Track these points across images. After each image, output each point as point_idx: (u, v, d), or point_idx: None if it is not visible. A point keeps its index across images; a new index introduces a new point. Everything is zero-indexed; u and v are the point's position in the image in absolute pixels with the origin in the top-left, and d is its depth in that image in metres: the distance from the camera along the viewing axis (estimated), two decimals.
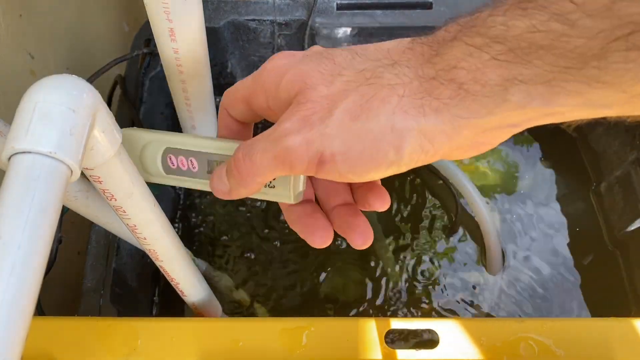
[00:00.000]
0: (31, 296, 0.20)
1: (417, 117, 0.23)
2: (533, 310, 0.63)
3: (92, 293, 0.51)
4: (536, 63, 0.20)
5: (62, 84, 0.24)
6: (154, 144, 0.29)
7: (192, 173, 0.29)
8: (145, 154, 0.29)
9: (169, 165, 0.29)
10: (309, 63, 0.25)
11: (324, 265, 0.65)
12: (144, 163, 0.30)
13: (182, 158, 0.29)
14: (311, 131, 0.24)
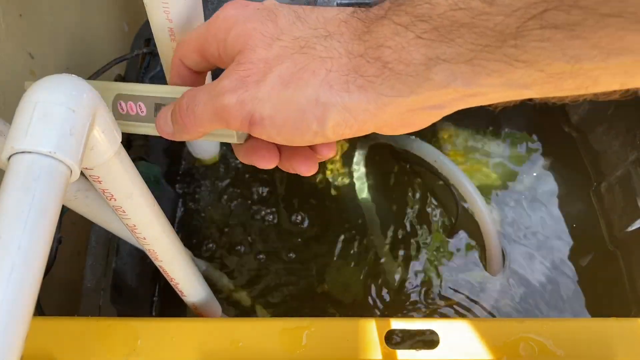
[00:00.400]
0: (31, 296, 0.20)
1: (341, 93, 0.23)
2: (533, 310, 0.63)
3: (92, 293, 0.51)
4: (458, 42, 0.20)
5: (62, 84, 0.24)
6: (105, 92, 0.29)
7: (140, 117, 0.30)
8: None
9: (119, 111, 0.30)
10: (254, 22, 0.26)
11: (324, 265, 0.65)
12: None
13: (131, 103, 0.30)
14: (245, 92, 0.25)
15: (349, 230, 0.68)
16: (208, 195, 0.71)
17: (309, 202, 0.70)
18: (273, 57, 0.25)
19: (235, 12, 0.27)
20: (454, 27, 0.20)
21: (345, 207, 0.70)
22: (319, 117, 0.24)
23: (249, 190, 0.71)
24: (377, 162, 0.73)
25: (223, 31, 0.27)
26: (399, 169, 0.72)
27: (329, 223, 0.68)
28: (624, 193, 0.64)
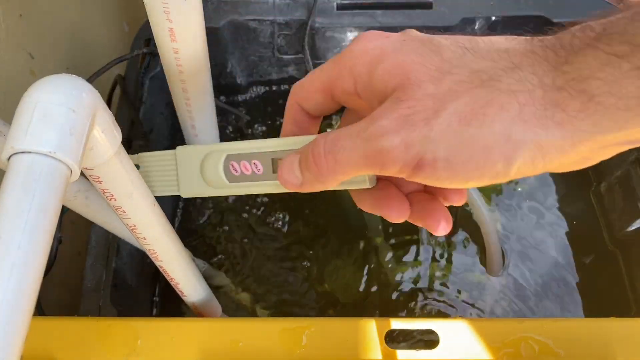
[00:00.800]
0: (31, 296, 0.20)
1: (536, 129, 0.21)
2: (533, 310, 0.63)
3: (92, 293, 0.51)
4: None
5: (62, 84, 0.24)
6: (213, 155, 0.28)
7: (256, 176, 0.28)
8: (206, 166, 0.28)
9: (232, 173, 0.28)
10: (410, 54, 0.23)
11: (324, 265, 0.65)
12: (205, 177, 0.28)
13: (245, 162, 0.28)
14: (413, 133, 0.22)
15: (349, 230, 0.68)
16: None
17: (309, 202, 0.70)
18: (444, 92, 0.22)
19: (378, 43, 0.25)
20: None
21: (345, 207, 0.70)
22: (507, 156, 0.22)
23: None
24: None
25: (365, 65, 0.24)
26: None
27: (329, 223, 0.68)
28: (623, 193, 0.64)
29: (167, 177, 0.29)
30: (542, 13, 0.67)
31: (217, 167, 0.28)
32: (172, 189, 0.29)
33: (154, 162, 0.29)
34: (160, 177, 0.29)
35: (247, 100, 0.78)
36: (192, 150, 0.28)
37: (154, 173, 0.29)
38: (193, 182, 0.28)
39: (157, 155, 0.29)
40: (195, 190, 0.29)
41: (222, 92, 0.76)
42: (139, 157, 0.29)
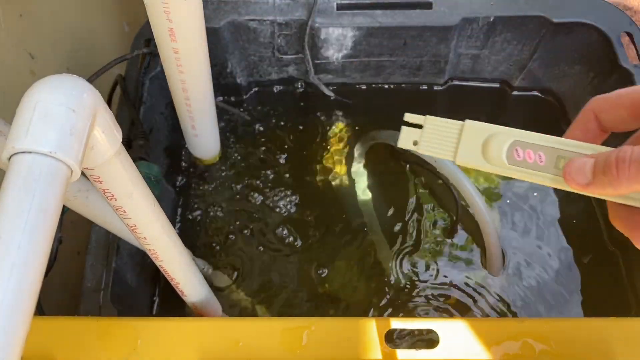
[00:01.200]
0: (31, 296, 0.20)
1: None
2: (533, 310, 0.63)
3: (92, 293, 0.51)
4: None
5: (62, 84, 0.24)
6: (501, 136, 0.30)
7: (537, 166, 0.29)
8: (490, 143, 0.30)
9: (514, 157, 0.30)
10: None
11: (324, 265, 0.65)
12: (485, 151, 0.30)
13: (530, 151, 0.29)
14: None
15: (349, 230, 0.68)
16: (208, 195, 0.71)
17: (309, 202, 0.70)
18: None
19: None
20: None
21: (345, 207, 0.70)
22: None
23: (249, 189, 0.71)
24: (377, 162, 0.73)
25: None
26: (399, 169, 0.72)
27: (329, 223, 0.68)
28: None
29: (447, 143, 0.32)
30: (542, 13, 0.67)
31: (502, 147, 0.30)
32: (447, 153, 0.32)
33: (439, 126, 0.32)
34: (440, 140, 0.32)
35: (247, 100, 0.78)
36: (480, 126, 0.31)
37: (436, 135, 0.32)
38: (471, 154, 0.31)
39: (444, 121, 0.32)
40: (471, 161, 0.31)
41: (222, 92, 0.76)
42: (426, 119, 0.32)
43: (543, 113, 0.77)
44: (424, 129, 0.32)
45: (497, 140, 0.30)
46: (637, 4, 1.06)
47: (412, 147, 0.33)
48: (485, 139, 0.31)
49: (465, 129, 0.31)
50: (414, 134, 0.33)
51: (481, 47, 0.72)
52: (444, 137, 0.32)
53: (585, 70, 0.70)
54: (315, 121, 0.76)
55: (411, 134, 0.33)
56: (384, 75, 0.76)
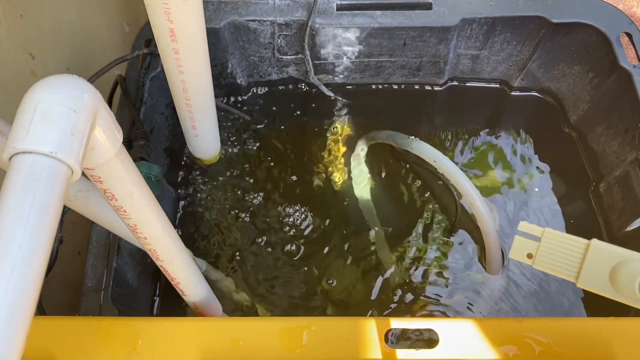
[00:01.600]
0: (32, 296, 0.20)
1: None
2: (533, 310, 0.63)
3: (93, 293, 0.51)
4: None
5: (63, 84, 0.24)
6: (634, 264, 0.27)
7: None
8: (621, 271, 0.28)
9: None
10: None
11: (324, 266, 0.66)
12: (614, 279, 0.28)
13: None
14: None
15: (349, 230, 0.68)
16: (208, 195, 0.71)
17: (309, 202, 0.70)
18: None
19: None
20: None
21: (345, 207, 0.70)
22: None
23: (249, 189, 0.71)
24: (377, 162, 0.73)
25: None
26: (399, 169, 0.72)
27: (329, 222, 0.68)
28: (622, 193, 0.64)
29: (568, 261, 0.29)
30: (541, 13, 0.67)
31: (635, 278, 0.27)
32: (567, 273, 0.29)
33: (560, 241, 0.30)
34: (560, 256, 0.29)
35: (247, 100, 0.78)
36: (610, 249, 0.28)
37: (555, 250, 0.30)
38: (597, 278, 0.28)
39: (567, 237, 0.29)
40: (596, 286, 0.29)
41: (222, 92, 0.77)
42: (545, 232, 0.30)
43: (542, 113, 0.77)
44: (542, 242, 0.30)
45: (630, 269, 0.27)
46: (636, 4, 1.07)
47: (525, 259, 0.30)
48: (614, 264, 0.28)
49: (592, 250, 0.28)
50: (529, 245, 0.30)
51: (481, 47, 0.72)
52: (564, 254, 0.29)
53: (584, 70, 0.70)
54: (315, 121, 0.76)
55: (525, 245, 0.30)
56: (384, 75, 0.76)
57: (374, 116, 0.76)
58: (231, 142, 0.74)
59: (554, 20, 0.66)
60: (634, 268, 0.27)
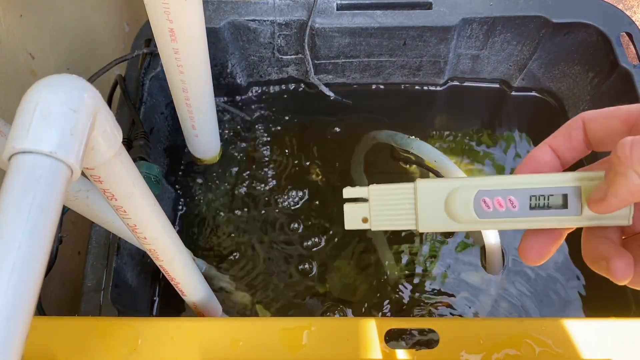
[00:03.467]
0: (31, 296, 0.20)
1: None
2: (533, 310, 0.63)
3: (93, 293, 0.51)
4: None
5: (63, 84, 0.24)
6: (463, 190, 0.27)
7: (511, 213, 0.27)
8: (453, 201, 0.27)
9: (483, 209, 0.27)
10: None
11: (325, 265, 0.66)
12: (450, 211, 0.27)
13: (498, 198, 0.27)
14: None
15: (349, 230, 0.68)
16: (208, 195, 0.71)
17: (309, 202, 0.70)
18: None
19: None
20: None
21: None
22: None
23: (249, 189, 0.71)
24: (377, 162, 0.73)
25: None
26: (399, 169, 0.72)
27: (329, 223, 0.68)
28: None
29: (402, 211, 0.28)
30: (541, 13, 0.67)
31: (467, 203, 0.27)
32: (406, 223, 0.28)
33: (388, 194, 0.28)
34: (393, 210, 0.28)
35: (247, 100, 0.78)
36: (436, 184, 0.28)
37: (387, 205, 0.28)
38: (434, 217, 0.28)
39: (392, 188, 0.28)
40: (437, 225, 0.28)
41: (222, 92, 0.77)
42: (369, 190, 0.28)
43: (542, 113, 0.77)
44: (370, 201, 0.28)
45: (460, 195, 0.27)
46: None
47: (362, 225, 0.29)
48: (445, 197, 0.27)
49: (420, 191, 0.27)
50: (360, 209, 0.28)
51: (481, 47, 0.72)
52: (396, 206, 0.28)
53: (584, 70, 0.70)
54: (315, 121, 0.76)
55: (357, 211, 0.29)
56: (384, 75, 0.76)
57: (374, 116, 0.76)
58: (231, 142, 0.74)
59: (554, 20, 0.66)
60: (463, 194, 0.27)
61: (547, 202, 0.27)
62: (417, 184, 0.27)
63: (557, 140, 0.28)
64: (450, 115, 0.77)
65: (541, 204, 0.27)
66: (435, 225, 0.28)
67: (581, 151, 0.28)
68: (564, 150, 0.28)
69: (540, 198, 0.27)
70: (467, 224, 0.27)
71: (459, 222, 0.27)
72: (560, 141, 0.28)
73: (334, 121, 0.76)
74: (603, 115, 0.27)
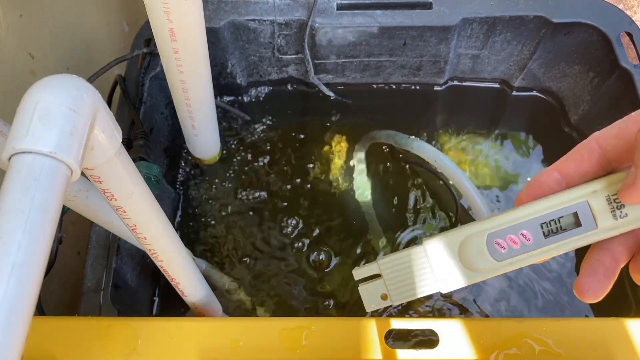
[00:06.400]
0: (31, 296, 0.20)
1: None
2: (533, 310, 0.63)
3: (92, 293, 0.51)
4: None
5: (63, 84, 0.24)
6: (472, 239, 0.26)
7: (527, 247, 0.26)
8: (466, 253, 0.26)
9: (499, 251, 0.26)
10: None
11: (325, 265, 0.66)
12: (467, 263, 0.26)
13: (511, 236, 0.26)
14: None
15: (349, 230, 0.68)
16: (208, 195, 0.71)
17: (309, 202, 0.70)
18: None
19: None
20: None
21: (345, 206, 0.70)
22: None
23: (249, 189, 0.71)
24: (377, 162, 0.73)
25: None
26: (399, 169, 0.72)
27: (329, 223, 0.68)
28: None
29: (419, 277, 0.27)
30: (542, 13, 0.67)
31: (481, 250, 0.26)
32: (427, 288, 0.27)
33: (399, 263, 0.27)
34: (409, 278, 0.27)
35: (247, 100, 0.78)
36: (443, 240, 0.27)
37: (401, 275, 0.27)
38: (453, 273, 0.27)
39: (401, 255, 0.27)
40: (458, 281, 0.27)
41: (222, 92, 0.76)
42: (379, 264, 0.27)
43: (543, 113, 0.77)
44: (384, 276, 0.27)
45: (471, 245, 0.26)
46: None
47: (383, 303, 0.27)
48: (457, 250, 0.26)
49: (430, 252, 0.27)
50: (376, 287, 0.27)
51: (481, 47, 0.72)
52: (411, 273, 0.27)
53: (585, 70, 0.70)
54: (315, 121, 0.76)
55: (374, 290, 0.27)
56: (384, 75, 0.76)
57: (374, 116, 0.76)
58: (231, 142, 0.74)
59: (555, 20, 0.66)
60: (474, 242, 0.26)
61: (560, 225, 0.26)
62: (425, 246, 0.27)
63: (568, 164, 0.26)
64: (450, 115, 0.77)
65: (554, 229, 0.26)
66: (457, 282, 0.27)
67: (591, 175, 0.26)
68: (574, 176, 0.26)
69: (551, 223, 0.26)
70: (489, 271, 0.27)
71: (480, 272, 0.27)
72: (571, 165, 0.26)
73: (334, 121, 0.76)
74: (618, 129, 0.26)
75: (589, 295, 0.25)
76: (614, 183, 0.25)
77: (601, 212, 0.25)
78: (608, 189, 0.25)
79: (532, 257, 0.26)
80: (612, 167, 0.26)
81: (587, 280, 0.25)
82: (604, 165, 0.26)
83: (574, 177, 0.26)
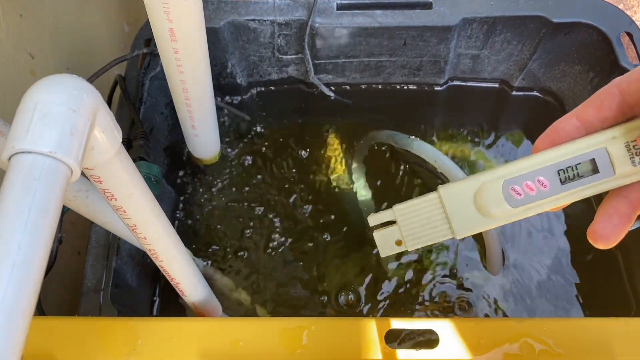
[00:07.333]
0: (31, 296, 0.20)
1: None
2: (533, 310, 0.63)
3: (92, 293, 0.51)
4: None
5: (63, 84, 0.24)
6: (488, 185, 0.26)
7: (544, 193, 0.26)
8: (482, 199, 0.26)
9: (515, 198, 0.26)
10: None
11: (325, 265, 0.66)
12: (483, 209, 0.26)
13: (527, 182, 0.26)
14: None
15: (349, 230, 0.68)
16: (208, 195, 0.71)
17: (309, 202, 0.70)
18: None
19: None
20: None
21: (345, 206, 0.70)
22: None
23: (249, 189, 0.71)
24: (377, 162, 0.73)
25: None
26: (399, 169, 0.72)
27: (329, 222, 0.68)
28: None
29: (434, 223, 0.27)
30: (542, 13, 0.67)
31: (497, 196, 0.26)
32: (441, 234, 0.27)
33: (414, 210, 0.27)
34: (424, 224, 0.27)
35: (247, 100, 0.78)
36: (458, 186, 0.27)
37: (416, 221, 0.27)
38: (468, 220, 0.27)
39: (416, 202, 0.27)
40: (473, 227, 0.27)
41: (222, 92, 0.76)
42: (394, 210, 0.27)
43: (543, 113, 0.77)
44: (399, 222, 0.28)
45: (487, 191, 0.26)
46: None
47: (397, 248, 0.28)
48: (472, 196, 0.26)
49: (445, 198, 0.27)
50: (391, 233, 0.28)
51: (481, 47, 0.72)
52: (426, 219, 0.27)
53: (585, 70, 0.70)
54: (315, 121, 0.76)
55: (388, 236, 0.28)
56: (384, 75, 0.76)
57: (374, 116, 0.76)
58: (231, 142, 0.74)
59: (555, 20, 0.66)
60: (490, 188, 0.26)
61: (577, 172, 0.25)
62: (440, 192, 0.27)
63: (587, 111, 0.26)
64: (450, 115, 0.77)
65: (571, 175, 0.25)
66: (471, 228, 0.27)
67: (611, 121, 0.26)
68: (593, 122, 0.26)
69: (568, 170, 0.25)
70: (504, 218, 0.26)
71: (495, 218, 0.26)
72: (591, 112, 0.26)
73: (334, 121, 0.76)
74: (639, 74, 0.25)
75: (602, 240, 0.25)
76: (634, 129, 0.25)
77: (619, 159, 0.25)
78: (627, 135, 0.25)
79: (548, 204, 0.26)
80: (634, 113, 0.25)
81: (601, 225, 0.25)
82: (625, 111, 0.25)
83: (593, 124, 0.26)
